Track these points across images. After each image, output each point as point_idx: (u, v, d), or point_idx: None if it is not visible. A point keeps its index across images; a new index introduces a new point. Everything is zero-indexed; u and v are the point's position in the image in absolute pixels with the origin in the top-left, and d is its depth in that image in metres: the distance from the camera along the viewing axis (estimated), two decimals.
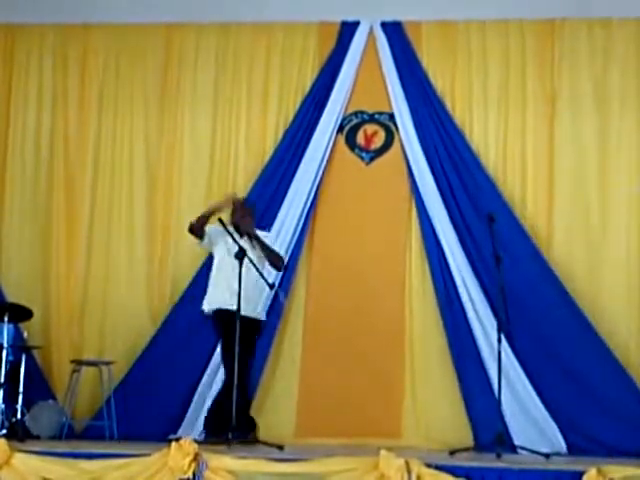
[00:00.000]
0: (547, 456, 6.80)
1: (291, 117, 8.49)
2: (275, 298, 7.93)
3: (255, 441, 6.88)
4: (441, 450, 7.18)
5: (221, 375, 7.67)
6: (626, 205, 8.17)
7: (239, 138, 8.57)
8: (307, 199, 8.30)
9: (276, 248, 7.33)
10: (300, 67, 8.57)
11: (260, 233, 7.27)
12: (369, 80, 8.45)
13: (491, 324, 7.69)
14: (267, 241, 7.25)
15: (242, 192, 8.31)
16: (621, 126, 8.27)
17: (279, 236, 8.14)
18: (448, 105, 8.40)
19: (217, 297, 7.13)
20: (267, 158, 8.46)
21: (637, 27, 8.28)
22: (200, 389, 7.94)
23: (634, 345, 7.98)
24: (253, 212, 7.37)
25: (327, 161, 8.41)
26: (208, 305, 7.20)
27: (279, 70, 8.58)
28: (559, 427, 7.67)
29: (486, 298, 7.94)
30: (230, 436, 6.54)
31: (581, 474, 5.47)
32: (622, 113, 8.26)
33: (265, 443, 6.83)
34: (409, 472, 5.55)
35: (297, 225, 8.23)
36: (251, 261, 6.97)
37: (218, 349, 7.31)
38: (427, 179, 8.23)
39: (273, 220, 8.24)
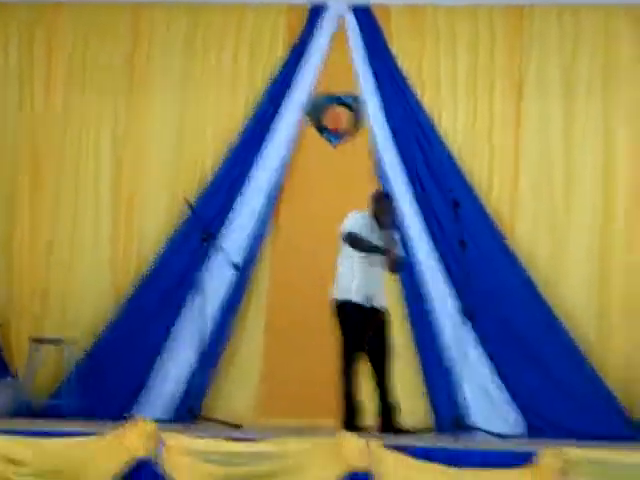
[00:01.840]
0: (505, 437, 6.93)
1: (259, 98, 8.46)
2: (240, 279, 8.00)
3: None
4: None
5: (183, 354, 7.73)
6: (591, 192, 8.21)
7: (207, 118, 8.53)
8: (273, 182, 8.30)
9: None
10: (270, 48, 8.52)
11: None
12: (337, 62, 8.43)
13: (454, 307, 7.76)
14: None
15: (209, 172, 8.39)
16: (588, 113, 8.30)
17: (243, 220, 8.18)
18: (416, 89, 8.39)
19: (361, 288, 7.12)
20: (235, 140, 8.42)
21: (606, 14, 8.29)
22: (158, 367, 7.94)
23: (593, 330, 8.06)
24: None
25: (294, 143, 8.40)
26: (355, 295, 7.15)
27: (248, 51, 8.54)
28: (519, 409, 7.76)
29: (450, 281, 7.99)
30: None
31: (537, 454, 5.53)
32: (589, 100, 8.30)
33: (223, 422, 6.91)
34: (368, 453, 5.58)
35: (262, 206, 8.23)
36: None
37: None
38: (394, 162, 8.24)
39: (238, 204, 8.24)
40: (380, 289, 7.19)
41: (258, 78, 8.52)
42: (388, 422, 7.06)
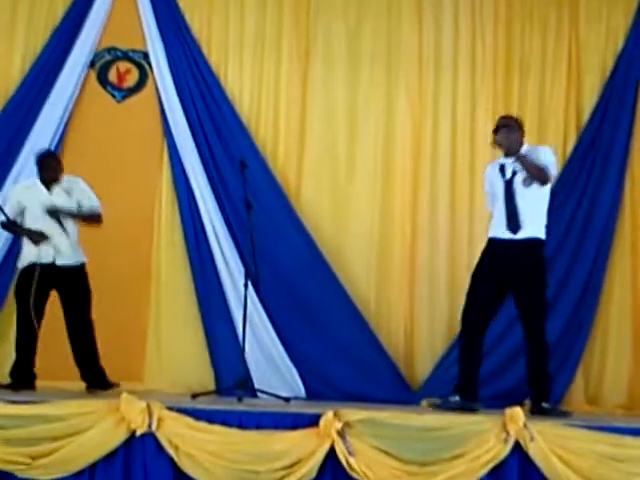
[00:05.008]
0: (287, 400, 6.99)
1: (40, 50, 8.11)
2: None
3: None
4: (184, 394, 7.20)
5: None
6: (372, 159, 8.37)
7: None
8: (54, 137, 7.99)
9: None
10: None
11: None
12: (124, 16, 8.21)
13: (239, 270, 7.77)
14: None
15: None
16: (372, 82, 8.44)
17: (21, 174, 7.88)
18: (204, 48, 8.30)
19: None
20: (12, 93, 8.07)
21: None
22: None
23: (373, 296, 8.24)
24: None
25: (77, 98, 8.13)
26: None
27: (28, 2, 8.21)
28: (299, 373, 7.86)
29: (234, 244, 7.97)
30: None
31: (318, 417, 5.69)
32: (372, 69, 8.44)
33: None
34: (150, 415, 5.60)
35: None
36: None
37: None
38: (180, 121, 8.13)
39: (17, 157, 7.92)
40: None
41: (38, 31, 8.17)
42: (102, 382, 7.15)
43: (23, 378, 7.05)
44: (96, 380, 7.14)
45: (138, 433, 5.59)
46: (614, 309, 8.25)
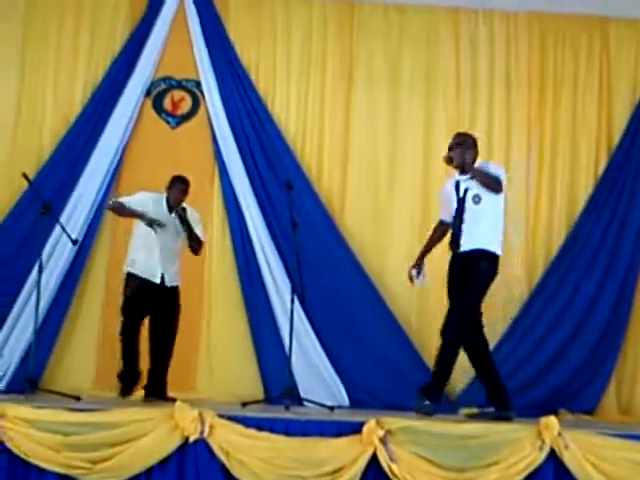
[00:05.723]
0: (331, 408, 7.21)
1: (100, 79, 8.49)
2: (80, 253, 8.05)
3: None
4: (234, 402, 7.43)
5: (22, 327, 7.85)
6: (411, 176, 8.65)
7: (46, 98, 8.51)
8: (112, 161, 8.34)
9: None
10: (111, 29, 8.57)
11: None
12: (178, 47, 8.55)
13: (285, 286, 8.00)
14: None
15: (47, 153, 8.35)
16: (411, 105, 8.73)
17: (83, 197, 8.21)
18: (253, 76, 8.62)
19: None
20: (74, 119, 8.44)
21: (428, 14, 8.78)
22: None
23: (414, 309, 8.49)
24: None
25: (134, 124, 8.47)
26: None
27: (90, 31, 8.56)
28: (343, 383, 8.10)
29: (282, 261, 8.25)
30: None
31: (361, 424, 5.86)
32: (412, 92, 8.73)
33: (62, 394, 6.97)
34: (202, 422, 5.80)
35: (101, 186, 8.27)
36: None
37: None
38: (230, 146, 8.44)
39: (77, 181, 8.25)
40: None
41: (99, 58, 8.54)
42: (161, 393, 7.46)
43: (131, 381, 7.46)
44: (158, 390, 7.47)
45: (191, 439, 5.78)
46: None
